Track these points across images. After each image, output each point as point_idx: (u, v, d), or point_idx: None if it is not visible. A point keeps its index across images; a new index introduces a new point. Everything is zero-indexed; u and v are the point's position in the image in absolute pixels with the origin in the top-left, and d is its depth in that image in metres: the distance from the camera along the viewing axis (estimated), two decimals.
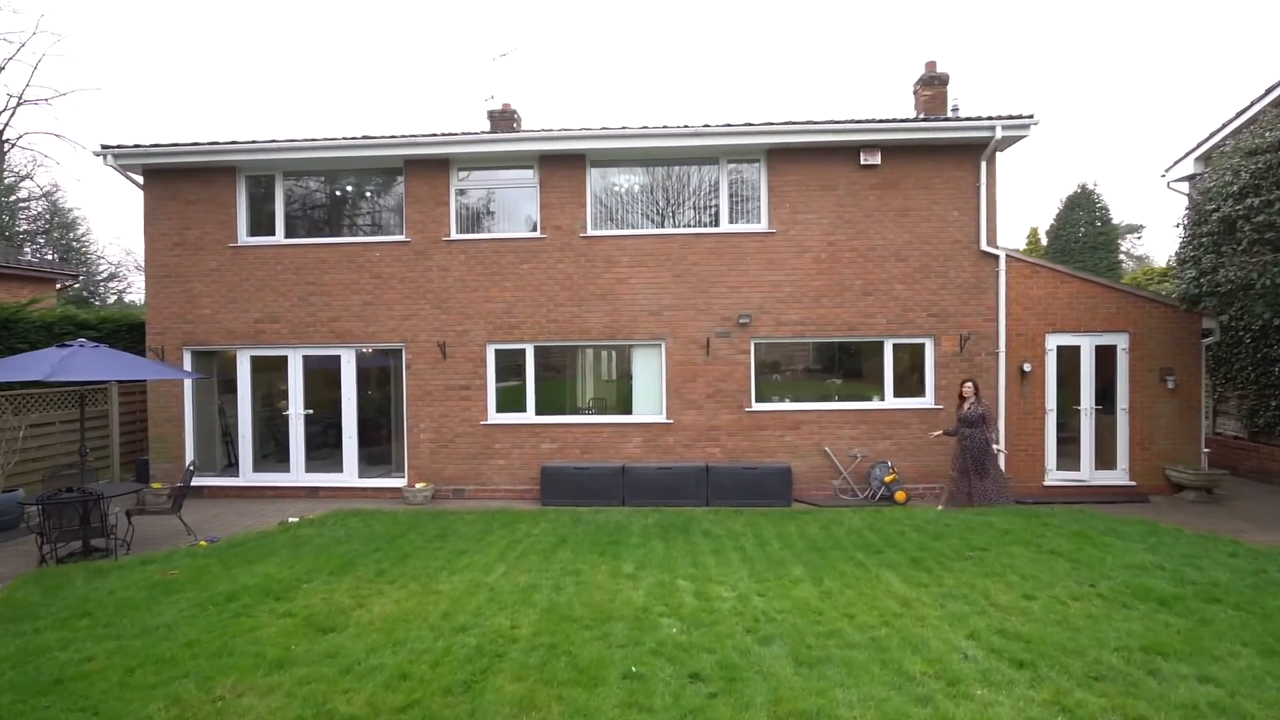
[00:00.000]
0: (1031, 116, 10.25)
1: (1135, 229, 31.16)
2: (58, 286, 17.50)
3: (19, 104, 21.08)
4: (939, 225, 10.81)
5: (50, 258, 22.38)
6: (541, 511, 9.15)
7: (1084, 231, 24.71)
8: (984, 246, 10.73)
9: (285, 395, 11.38)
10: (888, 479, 10.47)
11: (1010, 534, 7.57)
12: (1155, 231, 34.63)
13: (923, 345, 10.95)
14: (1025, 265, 10.80)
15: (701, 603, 5.71)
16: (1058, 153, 47.99)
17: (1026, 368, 10.68)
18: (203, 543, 8.13)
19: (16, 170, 22.51)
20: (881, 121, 10.45)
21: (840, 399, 11.08)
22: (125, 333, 12.70)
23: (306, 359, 11.38)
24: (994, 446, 9.45)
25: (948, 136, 10.46)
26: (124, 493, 8.60)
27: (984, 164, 10.70)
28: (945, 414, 10.82)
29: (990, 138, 10.35)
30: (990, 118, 10.27)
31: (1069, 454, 10.87)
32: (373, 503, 10.86)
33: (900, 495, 10.38)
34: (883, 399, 10.99)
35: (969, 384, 9.75)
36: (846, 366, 11.33)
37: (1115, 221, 26.57)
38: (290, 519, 9.05)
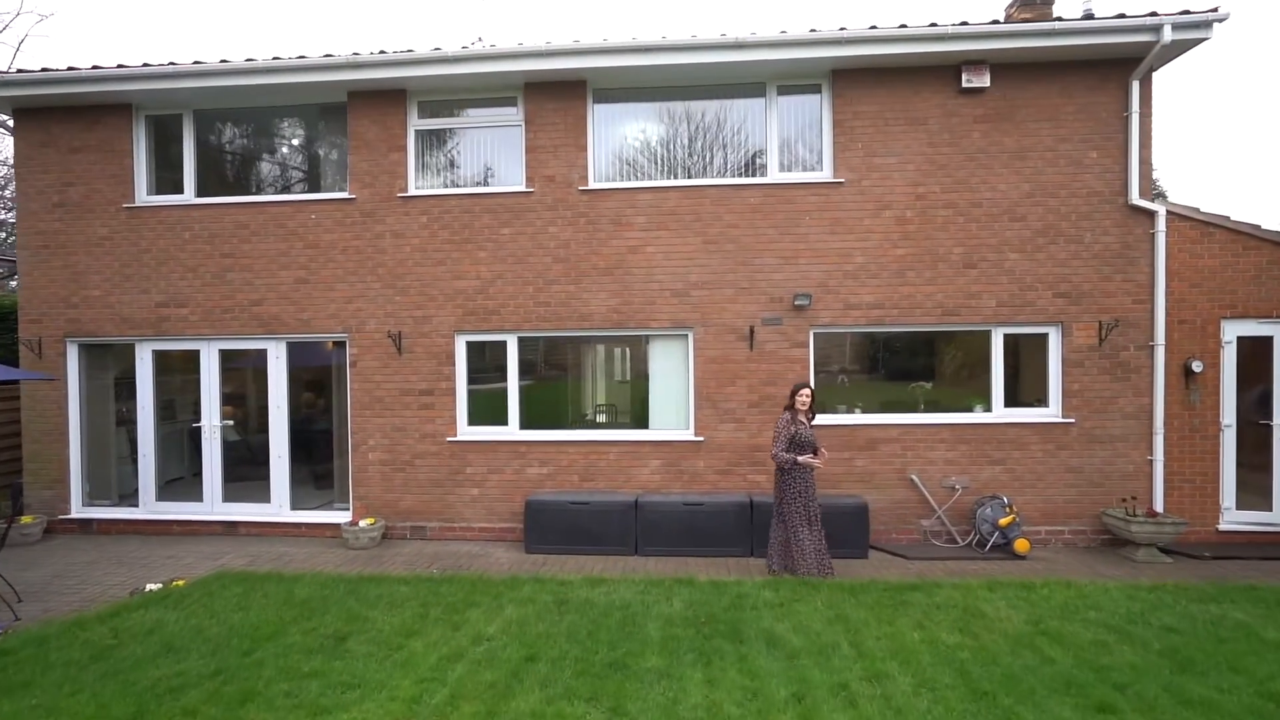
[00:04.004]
0: (1215, 10, 6.62)
1: None
2: None
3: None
4: (1070, 171, 7.20)
5: None
6: (512, 580, 5.63)
7: None
8: (1134, 199, 7.10)
9: (198, 401, 8.03)
10: (1003, 522, 6.89)
11: None
12: None
13: (1045, 336, 7.35)
14: (1194, 225, 7.14)
15: None
16: None
17: (1196, 367, 7.03)
18: None
19: (4, 159, 19.64)
20: (993, 24, 6.87)
21: (929, 409, 7.52)
22: (6, 319, 9.41)
23: (224, 354, 8.00)
24: (803, 459, 5.94)
25: (1088, 44, 6.79)
26: None
27: (1135, 85, 7.06)
28: (1077, 430, 7.22)
29: (1152, 44, 6.71)
30: (1154, 15, 6.66)
31: (1253, 486, 7.17)
32: (305, 544, 7.47)
33: (1021, 544, 6.80)
34: (989, 409, 7.39)
35: (806, 391, 6.14)
36: (937, 365, 7.74)
37: None
38: (149, 587, 5.65)
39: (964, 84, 7.13)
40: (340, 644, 4.36)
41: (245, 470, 8.09)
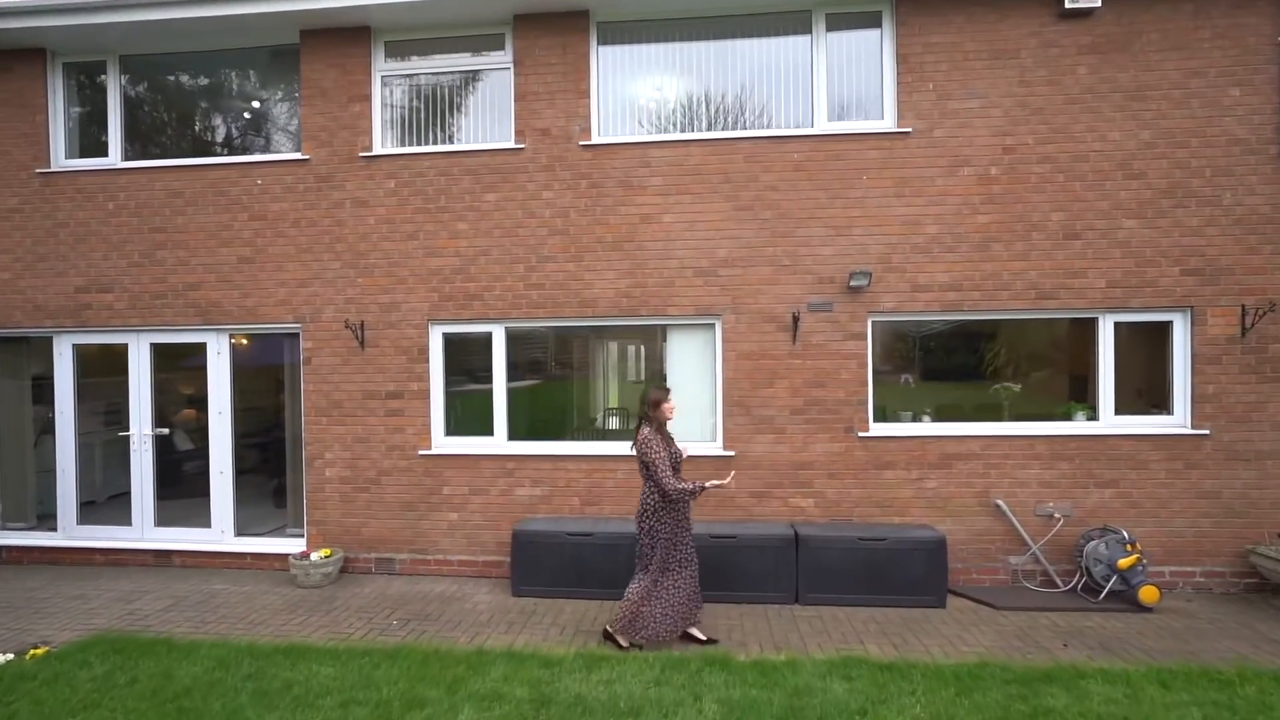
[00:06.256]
0: None
1: None
2: None
3: None
4: (1204, 114, 5.43)
5: None
6: (479, 657, 3.93)
7: None
8: None
9: (127, 405, 6.45)
10: (1124, 563, 5.11)
11: None
12: None
13: (1169, 324, 5.59)
14: None
15: None
16: None
17: None
18: None
19: None
20: None
21: (1017, 416, 5.78)
22: None
23: (156, 349, 6.43)
24: (711, 483, 4.17)
25: None
26: None
27: None
28: (1212, 445, 5.45)
29: None
30: None
31: None
32: (247, 579, 5.85)
33: (1149, 593, 5.03)
34: (1094, 417, 5.65)
35: (670, 399, 4.29)
36: (1026, 361, 5.99)
37: None
38: (3, 657, 4.09)
39: (1067, 5, 5.37)
40: None
41: (198, 485, 6.46)
